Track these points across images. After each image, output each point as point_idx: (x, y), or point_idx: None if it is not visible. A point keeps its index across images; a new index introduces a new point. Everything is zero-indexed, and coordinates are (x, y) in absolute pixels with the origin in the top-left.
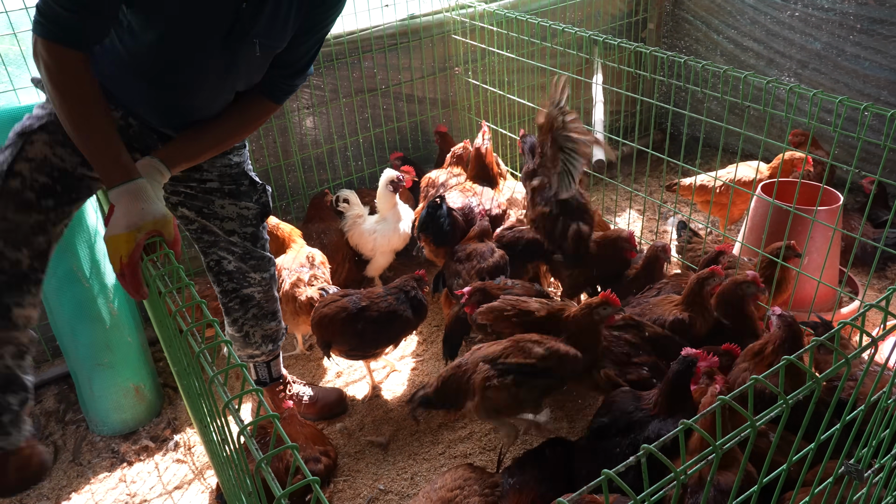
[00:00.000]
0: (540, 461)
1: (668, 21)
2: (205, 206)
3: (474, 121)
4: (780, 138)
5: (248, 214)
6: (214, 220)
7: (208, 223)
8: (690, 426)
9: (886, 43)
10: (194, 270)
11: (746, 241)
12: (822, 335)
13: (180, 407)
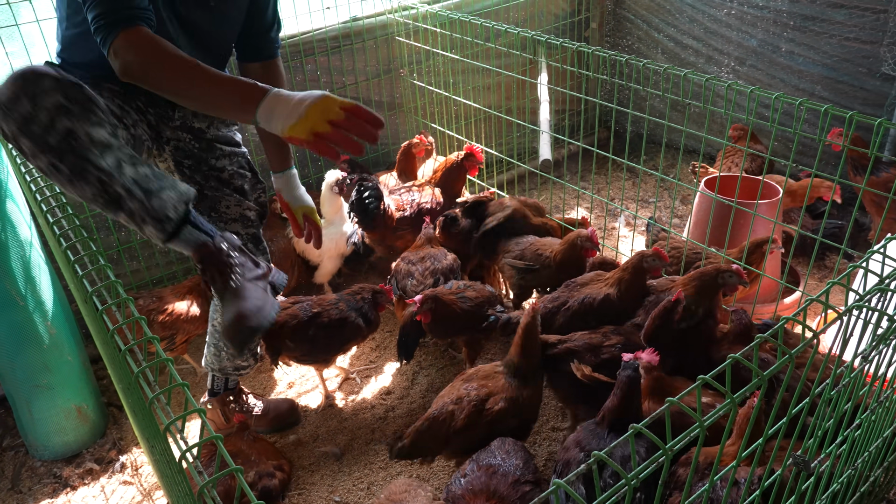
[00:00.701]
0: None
1: (610, 20)
2: (212, 208)
3: (421, 123)
4: (720, 134)
5: (250, 216)
6: (219, 222)
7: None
8: (640, 430)
9: (818, 39)
10: (136, 284)
11: (692, 237)
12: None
13: (126, 426)
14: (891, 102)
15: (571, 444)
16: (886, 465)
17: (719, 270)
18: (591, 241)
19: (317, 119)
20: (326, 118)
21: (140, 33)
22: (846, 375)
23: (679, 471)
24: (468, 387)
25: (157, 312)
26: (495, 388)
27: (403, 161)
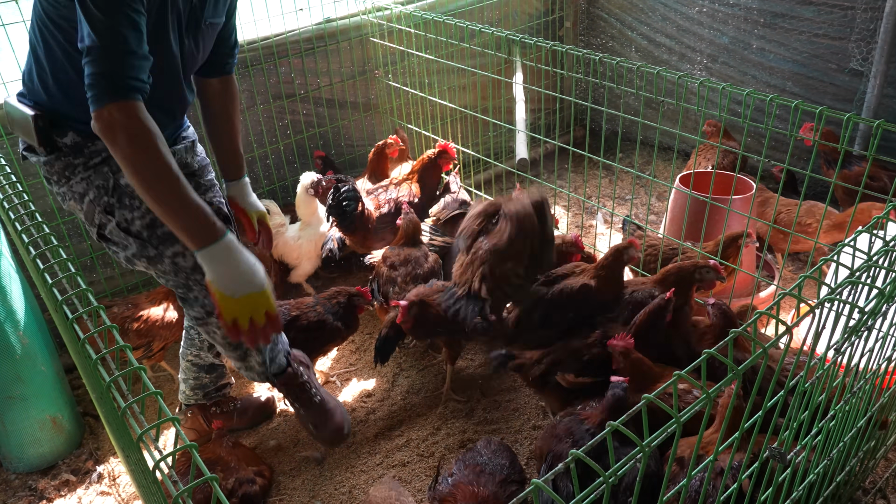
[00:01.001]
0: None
1: (583, 19)
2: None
3: (396, 123)
4: (694, 131)
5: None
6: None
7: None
8: (617, 427)
9: (788, 36)
10: (111, 291)
11: (668, 233)
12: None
13: (103, 436)
14: (860, 97)
15: (563, 433)
16: (861, 454)
17: (697, 266)
18: (577, 246)
19: (244, 311)
20: (251, 314)
21: (136, 109)
22: (819, 368)
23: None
24: None
25: (131, 320)
26: None
27: (375, 162)
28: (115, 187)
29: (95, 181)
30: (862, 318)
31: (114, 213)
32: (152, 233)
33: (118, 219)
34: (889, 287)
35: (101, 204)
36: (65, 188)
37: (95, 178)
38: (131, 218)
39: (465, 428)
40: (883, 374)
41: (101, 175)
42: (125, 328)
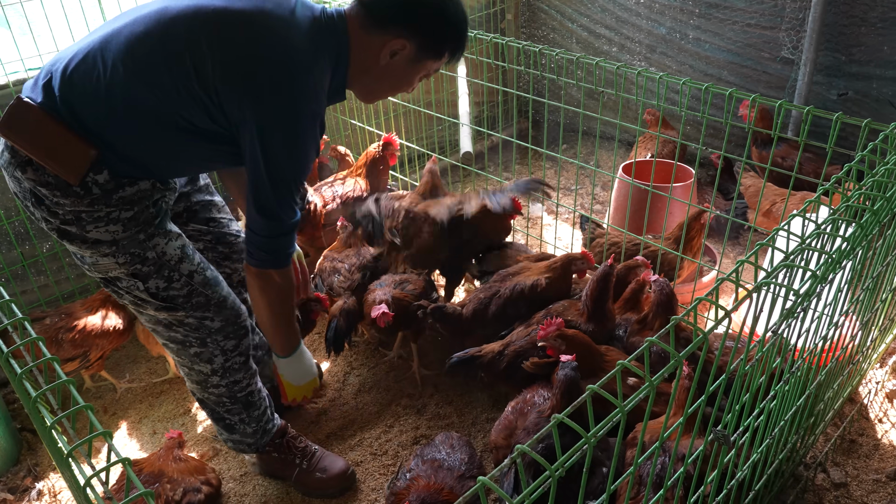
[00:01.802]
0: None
1: (524, 11)
2: (211, 218)
3: (340, 119)
4: (634, 121)
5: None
6: (225, 228)
7: (222, 232)
8: (562, 419)
9: (723, 26)
10: (45, 300)
11: (612, 222)
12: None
13: (42, 451)
14: (791, 85)
15: (516, 424)
16: (802, 431)
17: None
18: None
19: (300, 392)
20: (304, 394)
21: (288, 271)
22: (759, 350)
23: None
24: None
25: (65, 330)
26: None
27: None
28: (157, 258)
29: (129, 248)
30: (797, 300)
31: (146, 280)
32: (187, 301)
33: (149, 285)
34: (822, 269)
35: (128, 268)
36: (73, 227)
37: (128, 245)
38: (165, 287)
39: (417, 424)
40: (819, 352)
41: (134, 242)
42: (58, 339)
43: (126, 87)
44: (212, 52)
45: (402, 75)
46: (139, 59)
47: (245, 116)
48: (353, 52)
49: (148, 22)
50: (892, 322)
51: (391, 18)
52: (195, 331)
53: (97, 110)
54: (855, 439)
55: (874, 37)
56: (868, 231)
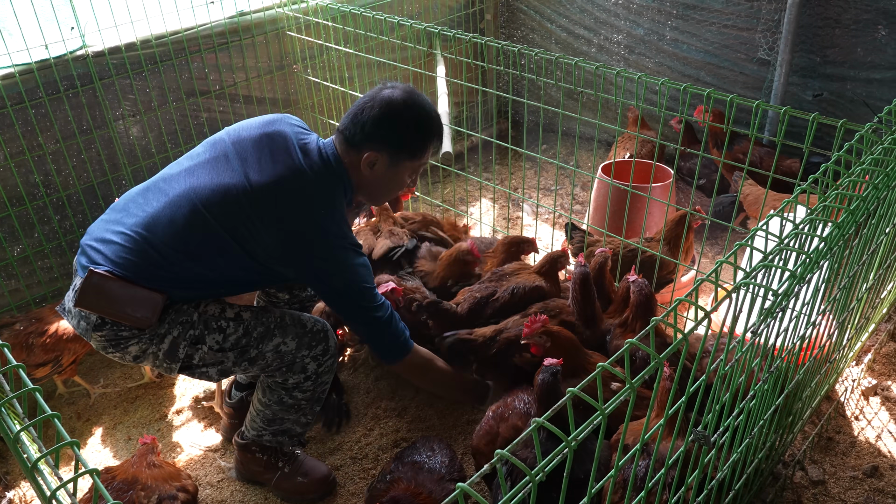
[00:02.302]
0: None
1: (504, 11)
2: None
3: (318, 119)
4: (614, 121)
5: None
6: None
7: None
8: (542, 423)
9: (700, 27)
10: (16, 304)
11: (592, 222)
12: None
13: (12, 459)
14: (767, 85)
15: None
16: (781, 430)
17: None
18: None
19: None
20: None
21: (415, 353)
22: (738, 350)
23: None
24: None
25: (36, 335)
26: None
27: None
28: (200, 317)
29: (178, 319)
30: (776, 300)
31: (205, 340)
32: (249, 337)
33: (210, 343)
34: (800, 269)
35: (187, 337)
36: (134, 340)
37: (177, 317)
38: (223, 338)
39: (398, 427)
40: (797, 352)
41: (181, 313)
42: (29, 343)
43: (188, 268)
44: (252, 234)
45: (388, 179)
46: (191, 248)
47: (299, 271)
48: (349, 173)
49: (184, 211)
50: (867, 320)
51: (360, 139)
52: (282, 360)
53: (163, 280)
54: (832, 437)
55: (848, 38)
56: (845, 231)
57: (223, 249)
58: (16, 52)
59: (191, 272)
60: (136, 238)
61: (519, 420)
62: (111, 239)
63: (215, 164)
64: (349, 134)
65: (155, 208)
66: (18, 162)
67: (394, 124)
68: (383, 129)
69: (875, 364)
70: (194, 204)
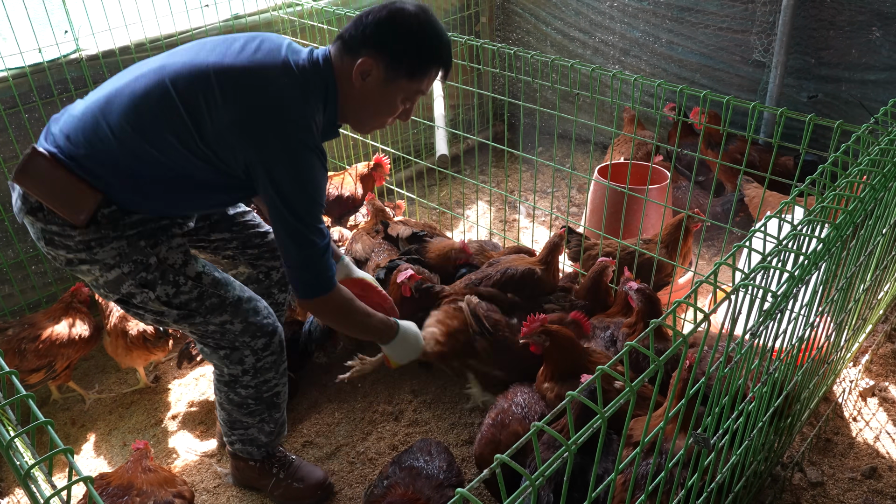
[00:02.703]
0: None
1: (499, 14)
2: (234, 223)
3: None
4: (610, 123)
5: None
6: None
7: (248, 234)
8: (540, 427)
9: (695, 30)
10: (10, 310)
11: (589, 225)
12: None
13: (6, 466)
14: (763, 87)
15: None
16: (780, 432)
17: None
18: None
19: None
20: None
21: (336, 293)
22: (737, 352)
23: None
24: None
25: (28, 340)
26: None
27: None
28: (158, 264)
29: (132, 255)
30: (775, 301)
31: (154, 287)
32: (200, 304)
33: (159, 293)
34: (799, 270)
35: (136, 278)
36: (84, 254)
37: (132, 253)
38: (174, 293)
39: (395, 431)
40: (796, 354)
41: (137, 250)
42: (22, 349)
43: (133, 146)
44: (209, 109)
45: (379, 98)
46: (143, 119)
47: (250, 160)
48: (338, 85)
49: (148, 82)
50: (864, 321)
51: (359, 42)
52: (222, 337)
53: (107, 166)
54: (830, 438)
55: (842, 40)
56: (843, 231)
57: (175, 127)
58: (9, 56)
59: (136, 155)
60: (93, 109)
61: (519, 426)
62: (72, 112)
63: (196, 49)
64: (348, 37)
65: (123, 83)
66: (12, 166)
67: (398, 32)
68: (385, 35)
69: (872, 365)
70: (161, 78)
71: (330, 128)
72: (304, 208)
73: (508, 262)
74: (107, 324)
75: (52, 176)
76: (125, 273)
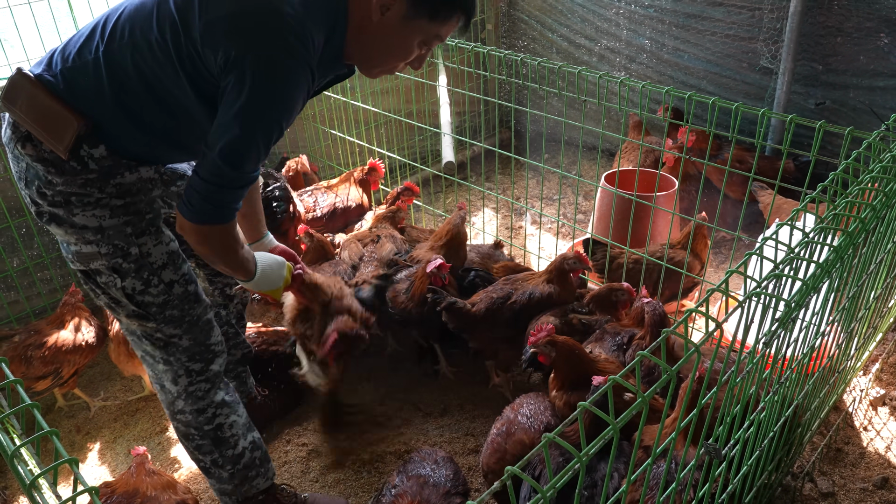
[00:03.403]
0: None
1: (505, 21)
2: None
3: (320, 129)
4: (617, 130)
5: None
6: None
7: None
8: (552, 438)
9: (701, 36)
10: (15, 317)
11: (596, 231)
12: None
13: (11, 474)
14: (770, 94)
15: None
16: (791, 441)
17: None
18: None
19: (273, 295)
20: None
21: (231, 227)
22: (749, 362)
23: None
24: None
25: (34, 347)
26: None
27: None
28: (139, 257)
29: (114, 239)
30: (788, 310)
31: (124, 277)
32: (161, 312)
33: (126, 284)
34: (812, 278)
35: (109, 260)
36: (61, 210)
37: (114, 235)
38: (140, 290)
39: (400, 440)
40: (806, 363)
41: (120, 234)
42: (28, 356)
43: (120, 56)
44: (203, 9)
45: (396, 35)
46: (134, 26)
47: (229, 57)
48: (350, 14)
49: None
50: (874, 330)
51: None
52: (163, 348)
53: (90, 82)
54: (841, 448)
55: (850, 46)
56: (855, 239)
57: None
58: (16, 64)
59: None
60: (93, 23)
61: (525, 435)
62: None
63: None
64: None
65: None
66: None
67: None
68: None
69: (883, 374)
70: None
71: (333, 59)
72: (262, 125)
73: (527, 284)
74: (110, 330)
75: (33, 98)
76: (101, 253)
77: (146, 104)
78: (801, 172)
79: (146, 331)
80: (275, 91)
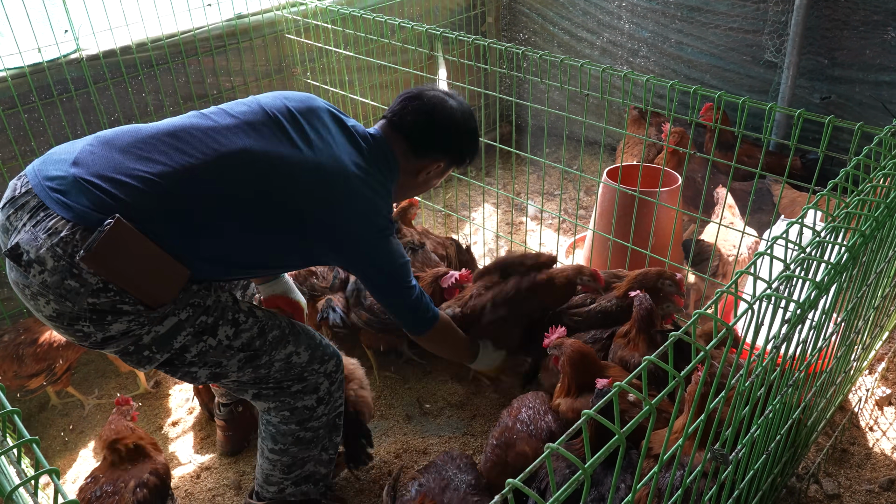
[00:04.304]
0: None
1: (505, 14)
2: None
3: None
4: (619, 125)
5: None
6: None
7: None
8: (555, 449)
9: (704, 30)
10: (9, 314)
11: (597, 227)
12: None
13: None
14: (774, 88)
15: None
16: (798, 443)
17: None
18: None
19: (495, 372)
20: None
21: (441, 324)
22: (758, 365)
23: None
24: None
25: (26, 345)
26: None
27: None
28: (216, 304)
29: (188, 299)
30: (799, 311)
31: (215, 332)
32: (263, 341)
33: (220, 337)
34: (824, 278)
35: (195, 324)
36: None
37: (186, 297)
38: (234, 333)
39: (401, 440)
40: (813, 364)
41: (191, 293)
42: (20, 354)
43: (219, 227)
44: (312, 208)
45: (429, 182)
46: (246, 212)
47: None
48: (399, 183)
49: (240, 166)
50: (880, 329)
51: (431, 147)
52: (287, 373)
53: (192, 242)
54: (847, 448)
55: (856, 40)
56: (868, 238)
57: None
58: (8, 56)
59: (223, 231)
60: (163, 185)
61: (526, 445)
62: (124, 181)
63: (268, 130)
64: (416, 140)
65: (198, 160)
66: (11, 168)
67: (465, 132)
68: (456, 138)
69: (889, 373)
70: (250, 163)
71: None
72: (392, 281)
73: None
74: None
75: (138, 251)
76: (182, 320)
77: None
78: (808, 171)
79: (261, 374)
80: (386, 268)
